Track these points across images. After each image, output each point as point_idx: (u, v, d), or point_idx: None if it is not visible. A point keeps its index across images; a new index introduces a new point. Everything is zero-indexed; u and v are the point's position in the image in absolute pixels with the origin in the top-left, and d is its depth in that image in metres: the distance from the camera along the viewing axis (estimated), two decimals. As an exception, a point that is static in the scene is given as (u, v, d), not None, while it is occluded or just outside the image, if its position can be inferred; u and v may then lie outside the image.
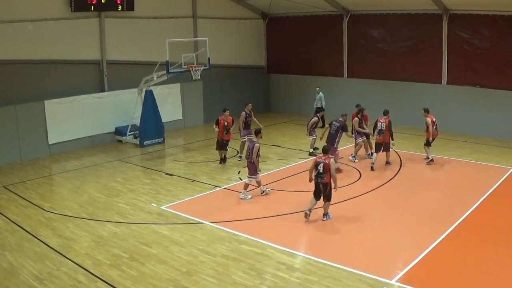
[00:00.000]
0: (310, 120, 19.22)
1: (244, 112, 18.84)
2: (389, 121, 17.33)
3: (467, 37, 22.27)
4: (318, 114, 19.71)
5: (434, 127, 17.62)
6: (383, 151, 17.45)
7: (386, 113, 17.55)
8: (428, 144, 17.79)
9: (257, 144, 14.58)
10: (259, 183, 14.92)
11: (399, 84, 24.32)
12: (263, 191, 14.90)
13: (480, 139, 21.23)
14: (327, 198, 12.78)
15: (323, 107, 24.39)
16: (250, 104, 19.13)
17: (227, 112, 18.05)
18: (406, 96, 23.87)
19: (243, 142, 18.56)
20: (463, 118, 22.47)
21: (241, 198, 14.63)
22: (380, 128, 17.23)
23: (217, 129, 18.10)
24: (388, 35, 24.82)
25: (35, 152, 19.96)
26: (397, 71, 24.39)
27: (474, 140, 21.11)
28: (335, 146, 16.66)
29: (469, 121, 22.42)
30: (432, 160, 17.84)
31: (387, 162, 17.66)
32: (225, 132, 18.01)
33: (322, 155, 12.93)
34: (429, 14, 23.03)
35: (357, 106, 18.82)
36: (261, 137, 15.19)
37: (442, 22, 22.67)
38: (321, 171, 12.56)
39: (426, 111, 17.77)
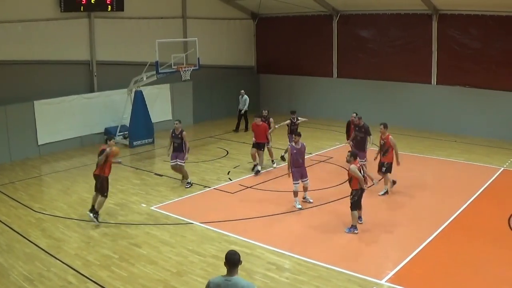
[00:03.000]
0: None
1: (171, 131, 15.99)
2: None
3: (457, 37, 22.38)
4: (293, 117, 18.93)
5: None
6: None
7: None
8: (388, 170, 14.69)
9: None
10: (305, 188, 14.31)
11: (389, 84, 24.38)
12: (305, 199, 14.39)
13: (470, 139, 21.34)
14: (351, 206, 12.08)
15: (245, 109, 24.28)
16: (178, 123, 15.88)
17: (113, 141, 13.14)
18: (396, 96, 23.95)
19: (173, 166, 15.97)
20: (453, 118, 22.57)
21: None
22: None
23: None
24: (378, 35, 24.89)
25: (24, 153, 19.84)
26: (387, 71, 24.45)
27: (464, 140, 21.23)
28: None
29: (458, 121, 22.52)
30: (387, 192, 14.87)
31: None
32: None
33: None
34: (419, 14, 23.13)
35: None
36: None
37: (432, 22, 22.76)
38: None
39: (386, 126, 14.70)
